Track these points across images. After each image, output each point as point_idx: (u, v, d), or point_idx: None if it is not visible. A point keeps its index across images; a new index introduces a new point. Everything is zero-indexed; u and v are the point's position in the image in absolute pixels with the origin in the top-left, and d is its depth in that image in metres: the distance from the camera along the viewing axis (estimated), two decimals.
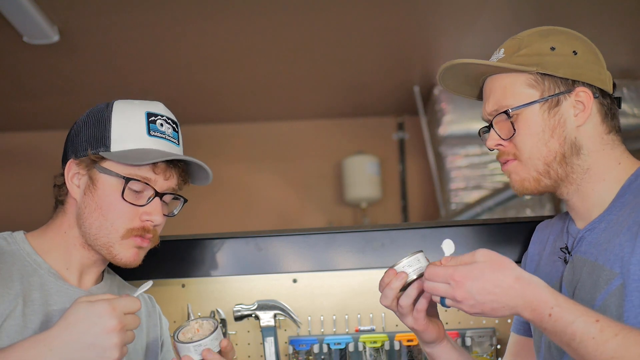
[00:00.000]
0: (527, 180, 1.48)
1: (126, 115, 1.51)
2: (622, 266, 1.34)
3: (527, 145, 1.45)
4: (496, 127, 1.49)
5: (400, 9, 3.60)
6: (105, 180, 1.48)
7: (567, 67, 1.45)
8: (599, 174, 1.45)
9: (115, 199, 1.47)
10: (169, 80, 4.38)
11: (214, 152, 5.13)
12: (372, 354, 2.07)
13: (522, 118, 1.45)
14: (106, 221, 1.47)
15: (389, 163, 5.14)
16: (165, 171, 1.50)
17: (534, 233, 1.70)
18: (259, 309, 2.08)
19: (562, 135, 1.44)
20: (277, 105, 4.93)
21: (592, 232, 1.44)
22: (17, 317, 1.41)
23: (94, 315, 1.30)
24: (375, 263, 1.97)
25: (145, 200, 1.49)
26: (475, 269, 1.27)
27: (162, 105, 1.58)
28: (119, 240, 1.48)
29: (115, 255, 1.49)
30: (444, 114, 4.54)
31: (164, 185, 1.51)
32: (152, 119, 1.52)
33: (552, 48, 1.46)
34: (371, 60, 4.22)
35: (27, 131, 4.98)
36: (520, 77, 1.46)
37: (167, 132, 1.54)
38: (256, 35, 3.80)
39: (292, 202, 5.12)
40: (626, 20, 3.77)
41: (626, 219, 1.38)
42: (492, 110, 1.50)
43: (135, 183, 1.47)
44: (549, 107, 1.44)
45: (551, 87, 1.45)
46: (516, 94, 1.46)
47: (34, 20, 3.34)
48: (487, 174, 4.54)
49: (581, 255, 1.45)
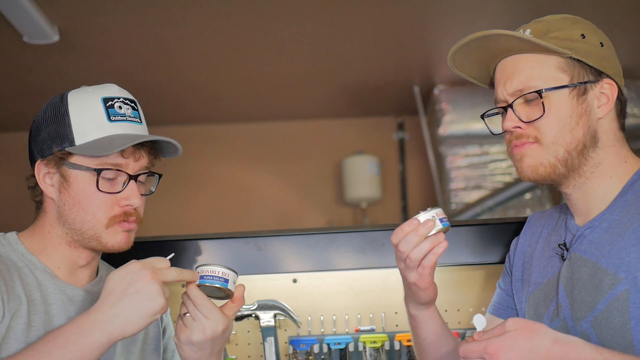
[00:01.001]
0: (542, 165, 1.43)
1: (82, 105, 1.50)
2: (628, 272, 1.33)
3: (552, 129, 1.41)
4: (516, 108, 1.44)
5: (401, 9, 3.60)
6: (77, 175, 1.48)
7: (595, 56, 1.43)
8: (607, 170, 1.44)
9: (91, 191, 1.47)
10: (169, 80, 4.38)
11: (214, 152, 5.14)
12: (372, 354, 2.07)
13: (551, 101, 1.41)
14: (87, 214, 1.48)
15: (389, 163, 5.14)
16: (134, 153, 1.50)
17: (526, 224, 1.67)
18: (259, 309, 2.08)
19: (586, 125, 1.42)
20: (277, 105, 4.93)
21: (593, 231, 1.43)
22: (23, 316, 1.42)
23: (129, 273, 1.35)
24: (375, 263, 1.97)
25: (120, 185, 1.49)
26: (507, 339, 1.23)
27: (116, 87, 1.56)
28: (105, 230, 1.48)
29: (106, 243, 1.49)
30: (444, 114, 4.54)
31: (136, 167, 1.51)
32: (110, 104, 1.51)
33: (582, 35, 1.44)
34: (371, 60, 4.22)
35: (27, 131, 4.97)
36: (551, 59, 1.43)
37: (127, 113, 1.52)
38: (256, 35, 3.80)
39: (292, 202, 5.12)
40: (626, 20, 3.77)
41: (630, 221, 1.37)
42: (516, 90, 1.44)
43: (108, 172, 1.47)
44: (578, 94, 1.42)
45: (580, 74, 1.43)
46: (545, 76, 1.42)
47: (34, 20, 3.34)
48: (487, 174, 4.54)
49: (581, 254, 1.43)
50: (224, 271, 1.44)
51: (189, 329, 1.42)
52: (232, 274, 1.45)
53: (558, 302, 1.46)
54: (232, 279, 1.45)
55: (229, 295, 1.46)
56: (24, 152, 1.60)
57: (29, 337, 1.40)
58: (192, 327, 1.42)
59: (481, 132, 4.50)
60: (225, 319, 1.43)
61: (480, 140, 4.52)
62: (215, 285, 1.43)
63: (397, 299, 2.21)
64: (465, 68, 1.56)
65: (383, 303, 2.14)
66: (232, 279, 1.45)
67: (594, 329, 1.37)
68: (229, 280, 1.44)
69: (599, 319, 1.37)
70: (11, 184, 5.05)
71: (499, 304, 1.68)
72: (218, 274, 1.43)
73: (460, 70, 1.56)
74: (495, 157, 4.55)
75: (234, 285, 1.45)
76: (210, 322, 1.41)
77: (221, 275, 1.43)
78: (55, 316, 1.46)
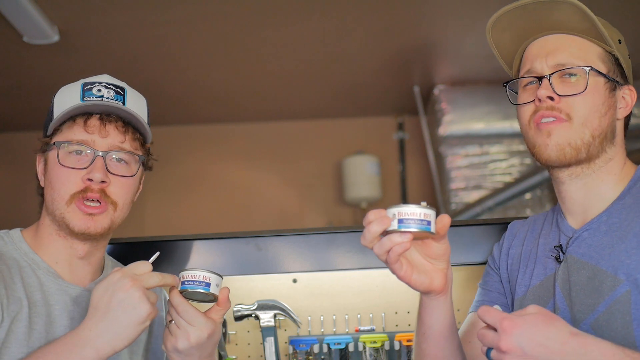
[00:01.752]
0: (570, 146, 1.43)
1: (64, 92, 1.52)
2: (629, 274, 1.33)
3: (585, 109, 1.43)
4: (554, 80, 1.45)
5: (401, 9, 3.60)
6: (49, 156, 1.49)
7: (625, 63, 1.50)
8: (613, 168, 1.47)
9: (56, 167, 1.47)
10: (169, 80, 4.38)
11: (214, 152, 5.14)
12: (372, 354, 2.07)
13: (592, 82, 1.45)
14: (54, 192, 1.47)
15: (389, 163, 5.14)
16: (100, 130, 1.47)
17: (507, 231, 1.67)
18: (259, 309, 2.08)
19: (612, 117, 1.47)
20: (277, 105, 4.93)
21: (592, 234, 1.43)
22: (24, 320, 1.40)
23: (110, 285, 1.33)
24: (375, 263, 1.94)
25: (88, 163, 1.47)
26: (526, 319, 1.18)
27: (107, 76, 1.56)
28: (66, 208, 1.46)
29: (68, 224, 1.46)
30: (444, 114, 4.54)
31: (105, 144, 1.48)
32: (89, 87, 1.51)
33: (619, 40, 1.50)
34: (371, 60, 4.22)
35: (27, 131, 4.98)
36: (596, 47, 1.48)
37: (106, 95, 1.50)
38: (256, 35, 3.80)
39: (292, 202, 5.12)
40: (626, 20, 3.77)
41: (631, 224, 1.37)
42: (559, 63, 1.46)
43: (70, 146, 1.46)
44: (610, 88, 1.47)
45: (615, 72, 1.48)
46: (589, 60, 1.46)
47: (34, 20, 3.34)
48: (487, 174, 4.54)
49: (578, 257, 1.43)
50: (204, 275, 1.40)
51: (174, 337, 1.39)
52: (215, 277, 1.42)
53: (555, 304, 1.45)
54: (215, 282, 1.41)
55: (215, 298, 1.43)
56: (25, 151, 1.61)
57: (31, 341, 1.39)
58: (176, 335, 1.39)
59: (481, 132, 4.50)
60: (210, 324, 1.40)
61: (480, 140, 4.52)
62: (197, 290, 1.40)
63: (397, 299, 2.21)
64: (500, 36, 1.56)
65: (383, 303, 2.14)
66: (214, 282, 1.41)
67: (595, 331, 1.37)
68: (210, 283, 1.40)
69: (600, 321, 1.36)
70: (12, 183, 5.06)
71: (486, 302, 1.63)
72: (199, 278, 1.40)
73: (493, 38, 1.57)
74: (495, 157, 4.55)
75: (217, 289, 1.42)
76: (194, 329, 1.38)
77: (202, 280, 1.40)
78: (57, 317, 1.45)
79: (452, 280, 1.39)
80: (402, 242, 1.24)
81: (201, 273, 1.40)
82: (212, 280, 1.41)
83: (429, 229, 1.24)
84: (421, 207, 1.23)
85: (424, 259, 1.33)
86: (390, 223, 1.24)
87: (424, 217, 1.23)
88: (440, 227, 1.26)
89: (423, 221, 1.23)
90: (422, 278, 1.33)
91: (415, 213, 1.22)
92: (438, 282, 1.34)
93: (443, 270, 1.34)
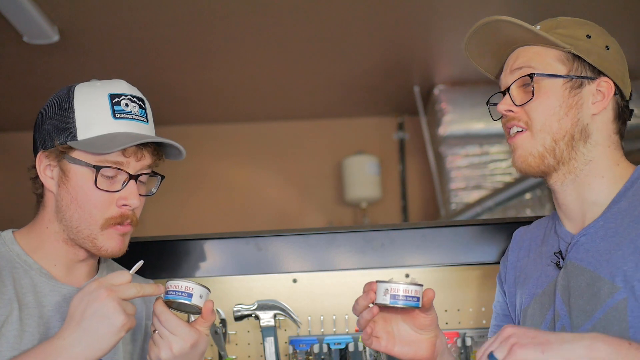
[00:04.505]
0: (532, 155, 1.46)
1: (89, 99, 1.47)
2: (626, 281, 1.33)
3: (540, 116, 1.45)
4: (513, 92, 1.48)
5: (400, 9, 3.60)
6: (76, 170, 1.45)
7: (597, 56, 1.48)
8: (598, 170, 1.45)
9: (89, 188, 1.44)
10: (169, 80, 4.38)
11: (214, 152, 5.14)
12: (372, 354, 2.07)
13: (543, 87, 1.46)
14: (84, 212, 1.44)
15: (389, 163, 5.14)
16: (137, 153, 1.46)
17: (512, 240, 1.68)
18: (259, 309, 2.08)
19: (575, 117, 1.45)
20: (277, 105, 4.93)
21: (590, 239, 1.43)
22: (14, 322, 1.39)
23: (85, 295, 1.32)
24: (375, 263, 1.97)
25: (120, 185, 1.45)
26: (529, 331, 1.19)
27: (125, 83, 1.53)
28: (100, 232, 1.45)
29: (100, 247, 1.46)
30: (444, 114, 4.54)
31: (137, 166, 1.47)
32: (116, 100, 1.47)
33: (587, 36, 1.49)
34: (371, 60, 4.22)
35: (27, 131, 4.97)
36: (553, 51, 1.48)
37: (134, 112, 1.48)
38: (256, 35, 3.80)
39: (292, 202, 5.12)
40: (627, 20, 3.77)
41: (626, 230, 1.37)
42: (515, 68, 1.50)
43: (107, 170, 1.44)
44: (572, 87, 1.46)
45: (578, 69, 1.47)
46: (544, 64, 1.47)
47: (34, 20, 3.34)
48: (487, 174, 4.54)
49: (577, 263, 1.43)
50: (187, 285, 1.39)
51: (157, 347, 1.38)
52: (199, 288, 1.39)
53: (555, 310, 1.45)
54: (198, 293, 1.39)
55: (199, 310, 1.41)
56: (25, 152, 1.59)
57: (22, 343, 1.38)
58: (159, 345, 1.38)
59: (481, 132, 4.50)
60: (194, 334, 1.38)
61: (480, 140, 4.52)
62: (179, 300, 1.38)
63: None
64: (482, 61, 1.61)
65: None
66: (197, 293, 1.39)
67: None
68: (193, 294, 1.38)
69: (597, 327, 1.36)
70: (12, 184, 5.05)
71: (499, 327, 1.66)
72: (181, 288, 1.38)
73: (474, 58, 1.61)
74: (495, 157, 4.55)
75: (200, 300, 1.39)
76: (177, 338, 1.37)
77: (184, 290, 1.38)
78: (50, 319, 1.44)
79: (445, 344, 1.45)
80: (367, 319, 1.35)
81: (184, 283, 1.39)
82: (195, 291, 1.39)
83: (418, 305, 1.34)
84: (413, 285, 1.33)
85: (412, 329, 1.40)
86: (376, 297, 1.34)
87: (414, 294, 1.33)
88: (425, 301, 1.35)
89: (413, 297, 1.33)
90: (405, 349, 1.40)
91: (407, 290, 1.32)
92: (423, 352, 1.40)
93: (430, 339, 1.41)
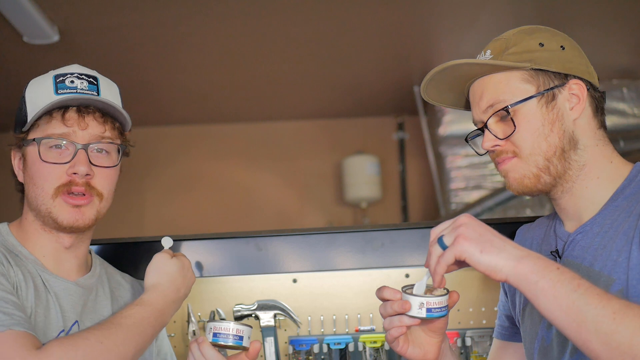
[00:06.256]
0: (526, 177, 1.44)
1: (35, 86, 1.52)
2: (620, 272, 1.33)
3: (527, 142, 1.43)
4: (492, 127, 1.46)
5: (400, 9, 3.60)
6: (28, 151, 1.49)
7: (557, 61, 1.45)
8: (593, 171, 1.44)
9: (38, 163, 1.46)
10: (169, 80, 4.38)
11: (214, 152, 5.14)
12: (372, 354, 2.07)
13: (520, 114, 1.43)
14: (37, 188, 1.47)
15: (389, 163, 5.14)
16: (79, 121, 1.47)
17: (515, 237, 1.67)
18: (259, 309, 2.08)
19: (561, 129, 1.43)
20: (277, 105, 4.93)
21: (585, 236, 1.43)
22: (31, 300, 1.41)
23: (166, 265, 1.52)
24: (375, 263, 1.97)
25: (70, 157, 1.46)
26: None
27: (78, 66, 1.54)
28: (52, 202, 1.46)
29: (56, 218, 1.46)
30: (444, 114, 4.54)
31: (85, 136, 1.48)
32: (61, 79, 1.50)
33: (540, 44, 1.46)
34: (371, 60, 4.22)
35: None
36: (514, 74, 1.44)
37: (80, 87, 1.49)
38: (256, 35, 3.80)
39: (292, 202, 5.12)
40: (626, 20, 3.77)
41: (622, 224, 1.37)
42: (487, 107, 1.47)
43: (49, 140, 1.46)
44: (546, 101, 1.43)
45: (546, 82, 1.44)
46: (512, 90, 1.44)
47: (34, 20, 3.34)
48: (487, 174, 4.54)
49: (573, 260, 1.43)
50: (238, 328, 1.44)
51: None
52: (247, 330, 1.45)
53: None
54: (247, 335, 1.45)
55: (244, 349, 1.47)
56: None
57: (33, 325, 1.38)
58: None
59: None
60: None
61: None
62: (230, 344, 1.44)
63: None
64: (441, 97, 1.59)
65: None
66: (246, 335, 1.45)
67: None
68: (243, 337, 1.45)
69: None
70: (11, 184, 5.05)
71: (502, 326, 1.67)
72: (232, 331, 1.44)
73: (436, 100, 1.60)
74: None
75: (248, 341, 1.46)
76: None
77: (235, 333, 1.44)
78: (52, 308, 1.44)
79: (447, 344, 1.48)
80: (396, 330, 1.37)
81: (234, 326, 1.45)
82: (245, 333, 1.45)
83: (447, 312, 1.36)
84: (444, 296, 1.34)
85: (424, 332, 1.42)
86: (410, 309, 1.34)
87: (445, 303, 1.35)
88: (450, 304, 1.37)
89: (444, 307, 1.34)
90: (416, 351, 1.42)
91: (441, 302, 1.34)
92: (431, 355, 1.43)
93: (437, 343, 1.43)
